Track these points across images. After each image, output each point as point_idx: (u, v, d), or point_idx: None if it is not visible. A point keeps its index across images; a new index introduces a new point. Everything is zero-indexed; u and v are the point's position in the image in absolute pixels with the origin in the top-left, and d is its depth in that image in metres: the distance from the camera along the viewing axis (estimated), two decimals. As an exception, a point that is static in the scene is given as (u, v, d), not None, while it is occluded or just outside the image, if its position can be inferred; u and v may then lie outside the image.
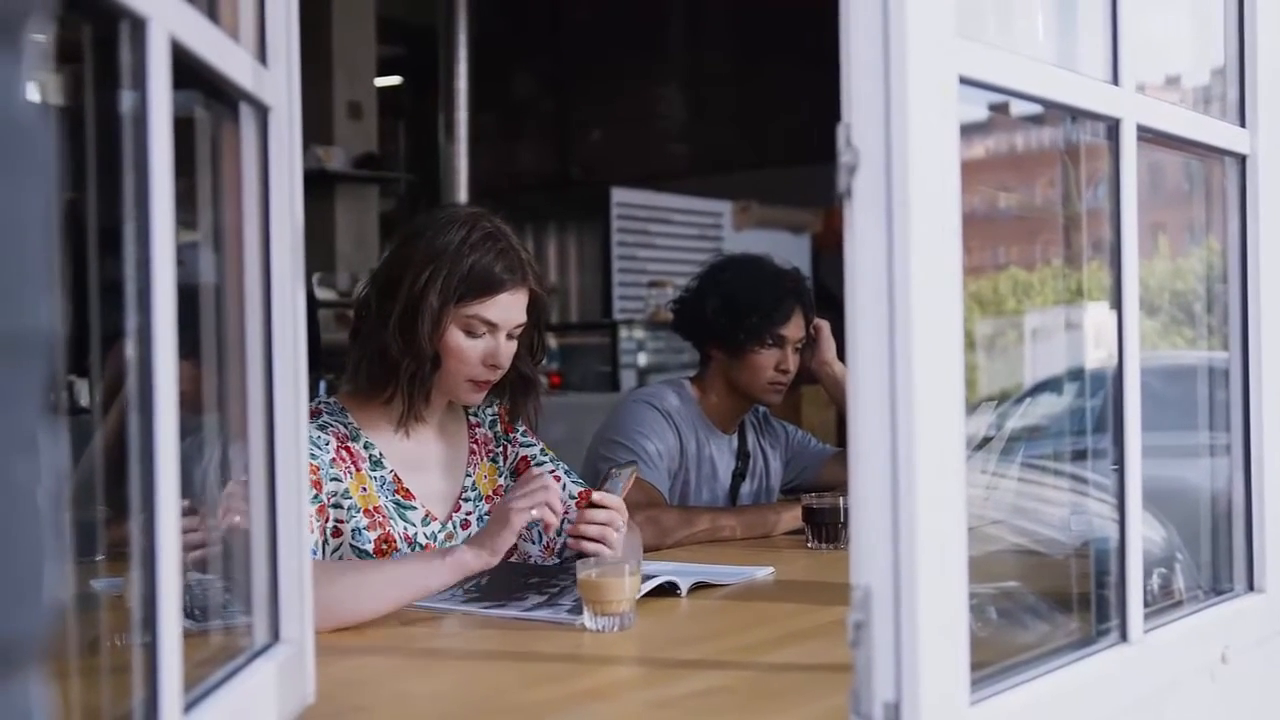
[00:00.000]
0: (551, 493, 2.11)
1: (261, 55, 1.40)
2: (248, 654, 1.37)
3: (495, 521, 2.10)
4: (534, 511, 2.07)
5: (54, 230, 0.63)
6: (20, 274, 0.59)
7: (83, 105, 1.11)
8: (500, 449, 2.51)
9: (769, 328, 3.09)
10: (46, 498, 0.61)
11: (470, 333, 2.29)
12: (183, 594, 1.10)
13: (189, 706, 1.13)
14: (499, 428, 2.53)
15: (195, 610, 1.36)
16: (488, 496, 2.45)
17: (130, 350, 1.05)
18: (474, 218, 2.31)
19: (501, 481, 2.48)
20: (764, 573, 2.45)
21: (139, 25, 1.03)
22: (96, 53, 1.06)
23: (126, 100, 1.05)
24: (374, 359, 2.29)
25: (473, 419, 2.51)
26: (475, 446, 2.47)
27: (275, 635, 1.42)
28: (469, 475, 2.44)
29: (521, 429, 2.54)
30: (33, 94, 0.62)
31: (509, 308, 2.32)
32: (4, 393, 0.59)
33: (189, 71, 1.15)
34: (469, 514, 2.41)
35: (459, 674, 1.80)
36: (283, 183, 1.42)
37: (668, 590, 2.19)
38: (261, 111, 1.40)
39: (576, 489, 2.49)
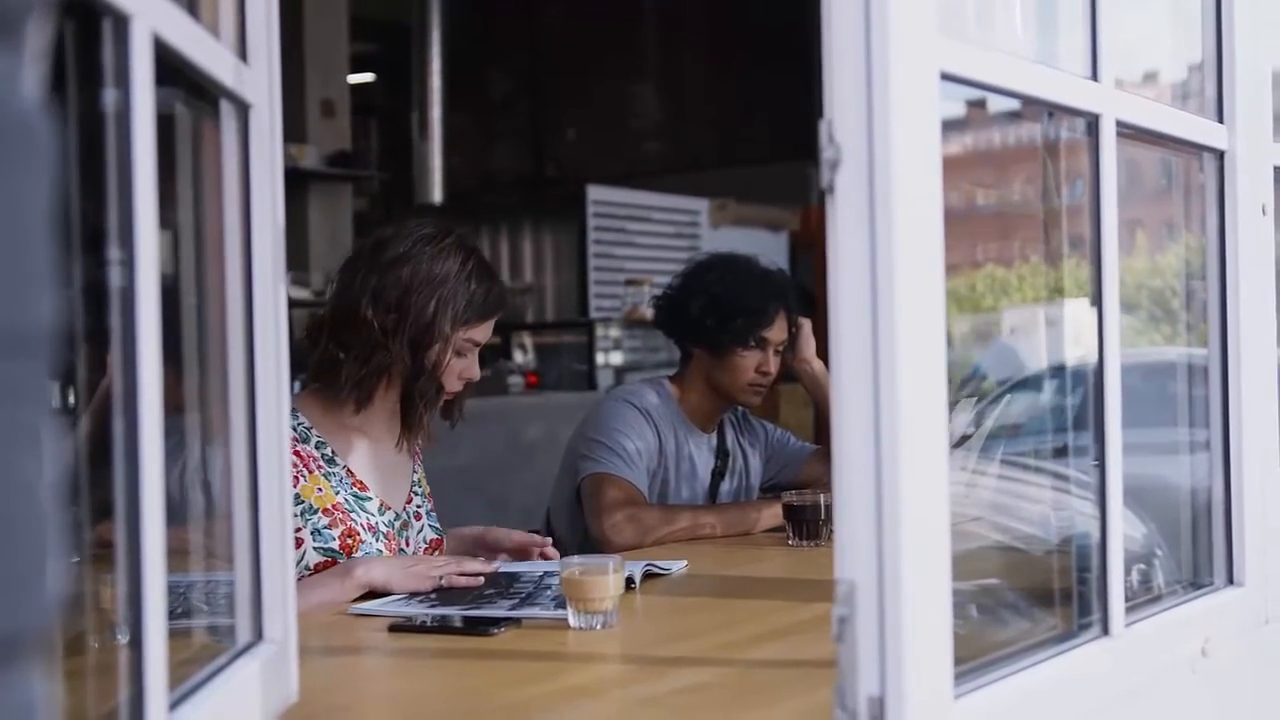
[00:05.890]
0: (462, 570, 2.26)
1: (242, 52, 1.39)
2: (231, 653, 1.37)
3: (413, 566, 2.24)
4: (443, 581, 2.22)
5: (54, 227, 0.63)
6: (23, 270, 0.59)
7: (64, 102, 1.10)
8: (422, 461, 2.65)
9: (753, 330, 3.09)
10: (49, 493, 0.61)
11: (459, 353, 2.41)
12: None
13: (173, 705, 1.13)
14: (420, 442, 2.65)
15: (176, 609, 1.36)
16: (427, 494, 2.59)
17: (114, 350, 1.04)
18: (460, 242, 2.42)
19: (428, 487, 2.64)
20: (678, 566, 2.46)
21: (122, 22, 1.03)
22: (78, 49, 1.05)
23: (109, 97, 1.05)
24: (375, 375, 2.37)
25: None
26: (417, 449, 2.59)
27: (258, 634, 1.41)
28: (415, 472, 2.57)
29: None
30: (33, 90, 0.62)
31: (491, 329, 2.47)
32: (9, 388, 0.59)
33: (170, 68, 1.15)
34: (419, 507, 2.54)
35: (443, 673, 1.79)
36: (264, 181, 1.42)
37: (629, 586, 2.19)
38: (243, 109, 1.39)
39: (431, 534, 2.56)
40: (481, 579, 2.25)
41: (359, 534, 2.34)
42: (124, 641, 1.08)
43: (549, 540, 2.57)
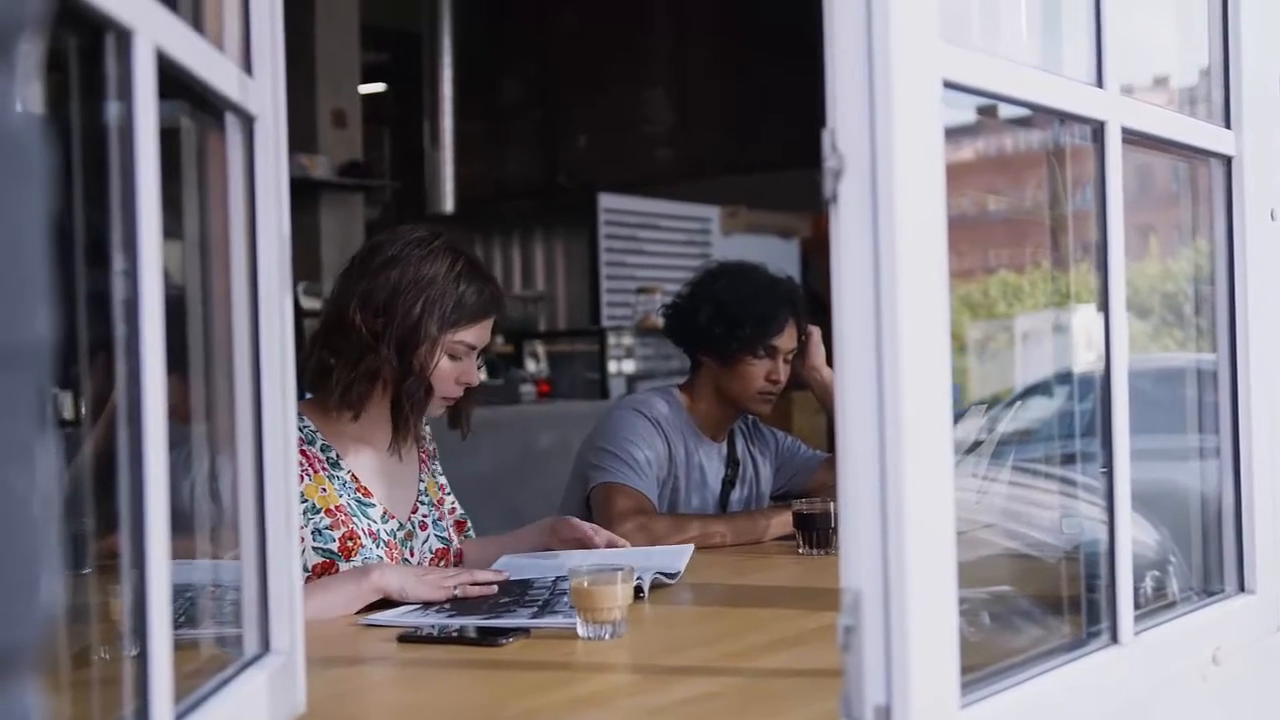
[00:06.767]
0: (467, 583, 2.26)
1: (247, 65, 1.40)
2: (238, 664, 1.37)
3: (426, 575, 2.24)
4: (457, 591, 2.22)
5: (49, 241, 0.63)
6: (17, 285, 0.60)
7: (67, 115, 1.10)
8: (436, 465, 2.64)
9: (762, 339, 3.09)
10: (42, 507, 0.61)
11: (453, 356, 2.41)
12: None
13: (179, 717, 1.13)
14: (432, 446, 2.65)
15: (180, 617, 1.36)
16: (436, 502, 2.58)
17: (118, 362, 1.04)
18: (450, 245, 2.43)
19: (440, 493, 2.62)
20: (687, 552, 2.51)
21: (124, 36, 1.03)
22: (82, 63, 1.05)
23: (112, 111, 1.05)
24: (365, 380, 2.37)
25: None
26: (424, 456, 2.59)
27: (266, 645, 1.42)
28: (422, 481, 2.56)
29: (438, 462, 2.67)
30: (27, 105, 0.63)
31: (487, 331, 2.46)
32: (2, 402, 0.59)
33: (174, 81, 1.15)
34: (424, 516, 2.53)
35: (452, 684, 1.79)
36: (269, 192, 1.42)
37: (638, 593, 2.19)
38: (247, 121, 1.40)
39: (438, 544, 2.56)
40: (495, 588, 2.25)
41: (359, 538, 2.35)
42: (133, 654, 1.08)
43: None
